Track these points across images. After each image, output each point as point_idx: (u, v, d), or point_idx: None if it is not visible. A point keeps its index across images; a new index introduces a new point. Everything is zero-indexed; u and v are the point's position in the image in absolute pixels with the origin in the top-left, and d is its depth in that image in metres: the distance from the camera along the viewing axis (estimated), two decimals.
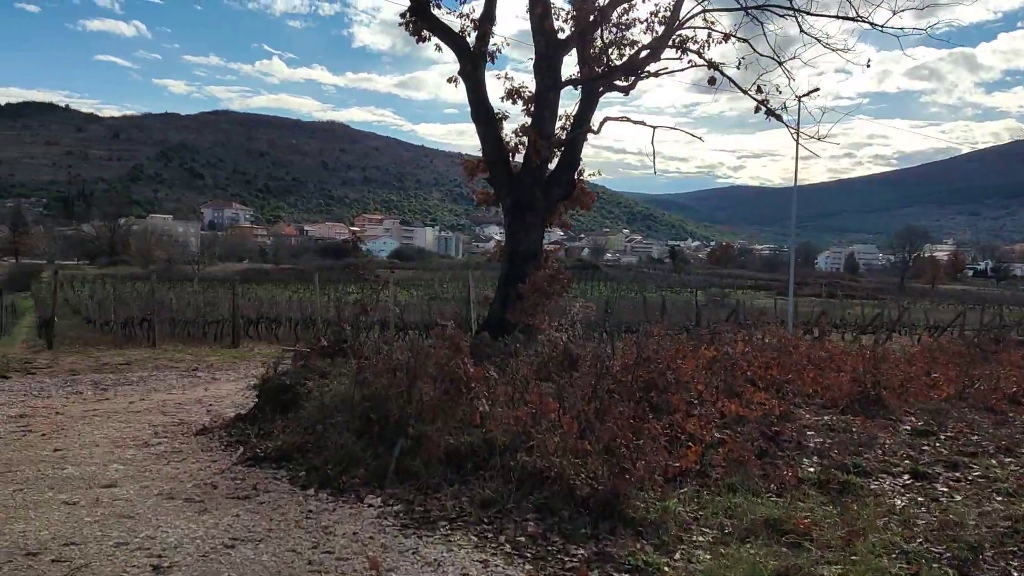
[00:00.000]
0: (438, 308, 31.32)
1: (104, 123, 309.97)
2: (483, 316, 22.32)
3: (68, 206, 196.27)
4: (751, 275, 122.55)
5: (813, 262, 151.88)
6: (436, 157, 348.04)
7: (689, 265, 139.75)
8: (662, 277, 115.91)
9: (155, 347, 19.57)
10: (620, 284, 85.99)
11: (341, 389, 8.00)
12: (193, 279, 77.26)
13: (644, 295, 45.91)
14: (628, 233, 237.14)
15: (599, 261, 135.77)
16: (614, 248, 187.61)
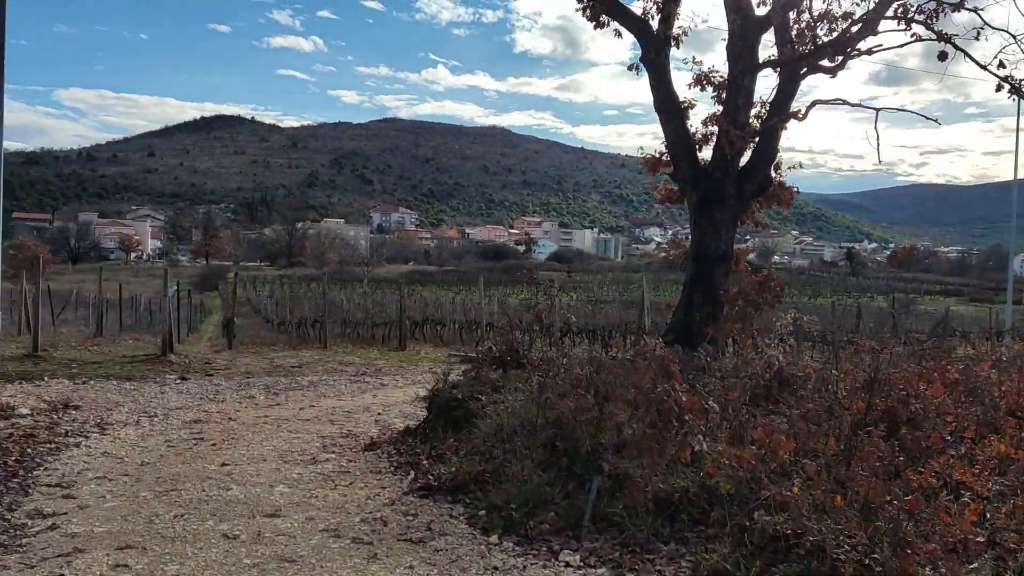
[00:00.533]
0: (602, 312, 30.34)
1: (284, 133, 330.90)
2: (658, 323, 21.17)
3: (252, 211, 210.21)
4: (937, 279, 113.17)
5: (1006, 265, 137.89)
6: (595, 159, 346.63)
7: (866, 269, 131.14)
8: (837, 281, 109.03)
9: (326, 348, 19.73)
10: (791, 288, 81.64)
11: (518, 407, 7.18)
12: (363, 280, 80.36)
13: (833, 301, 42.76)
14: (797, 235, 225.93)
15: (767, 264, 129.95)
16: (782, 250, 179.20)
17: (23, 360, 12.50)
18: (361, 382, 12.79)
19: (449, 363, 16.15)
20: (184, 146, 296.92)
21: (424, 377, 13.58)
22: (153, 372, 12.34)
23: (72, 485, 6.00)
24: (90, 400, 9.70)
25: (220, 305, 48.98)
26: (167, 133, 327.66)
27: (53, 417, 8.50)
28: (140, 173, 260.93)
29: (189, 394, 10.63)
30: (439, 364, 15.96)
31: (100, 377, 11.51)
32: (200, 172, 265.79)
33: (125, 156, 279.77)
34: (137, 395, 10.30)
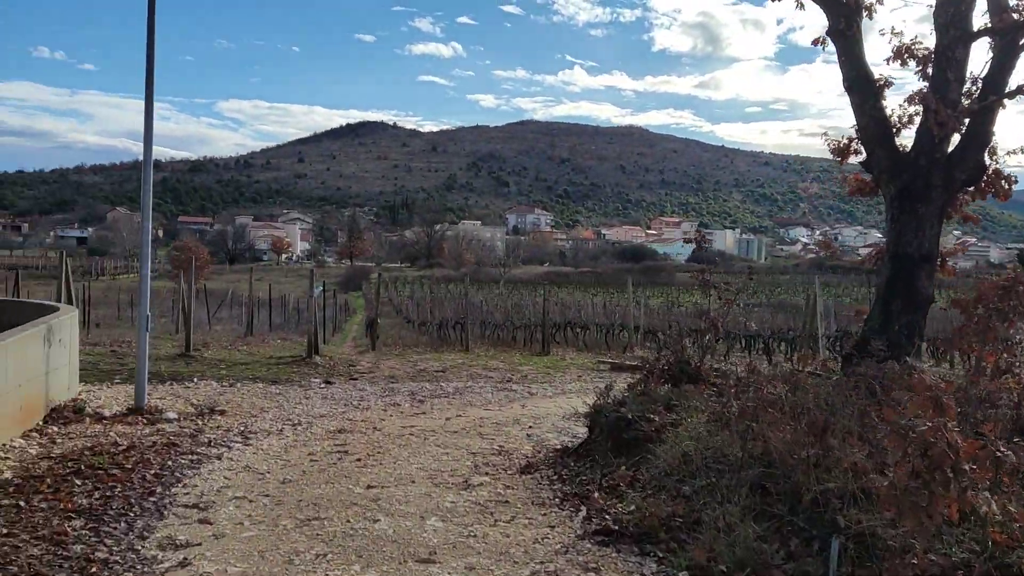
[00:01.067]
0: (757, 317, 28.39)
1: (424, 137, 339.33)
2: (832, 331, 19.47)
3: (393, 214, 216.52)
4: None
5: None
6: (736, 157, 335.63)
7: None
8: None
9: (468, 351, 19.20)
10: (958, 292, 75.33)
11: (702, 433, 6.11)
12: (499, 281, 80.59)
13: None
14: (959, 235, 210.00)
15: None
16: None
17: (175, 360, 12.52)
18: (507, 390, 12.02)
19: (599, 371, 15.18)
20: (331, 152, 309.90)
21: (573, 386, 12.72)
22: (298, 375, 12.03)
23: (210, 507, 5.44)
24: (236, 404, 9.36)
25: (363, 305, 50.05)
26: (315, 140, 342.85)
27: (198, 423, 8.14)
28: (291, 178, 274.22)
29: (333, 400, 10.16)
30: (587, 371, 15.06)
31: (247, 379, 11.28)
32: (345, 176, 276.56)
33: (277, 162, 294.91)
34: (282, 400, 9.91)
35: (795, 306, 32.95)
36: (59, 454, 6.47)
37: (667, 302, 45.66)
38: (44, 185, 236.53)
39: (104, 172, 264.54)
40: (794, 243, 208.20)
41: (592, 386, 12.59)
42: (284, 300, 45.71)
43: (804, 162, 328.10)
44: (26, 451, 6.53)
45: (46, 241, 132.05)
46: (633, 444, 6.57)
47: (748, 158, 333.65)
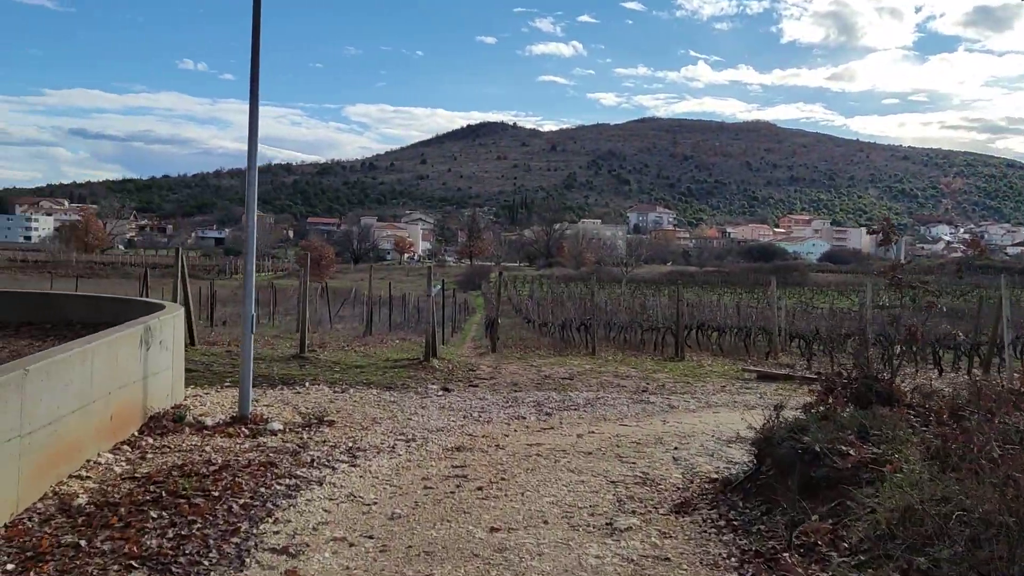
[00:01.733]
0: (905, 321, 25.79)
1: (543, 137, 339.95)
2: (1011, 338, 17.11)
3: (513, 213, 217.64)
4: None
5: None
6: (872, 151, 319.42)
7: None
8: None
9: (594, 355, 17.96)
10: None
11: (920, 475, 4.66)
12: (621, 281, 78.77)
13: None
14: None
15: None
16: None
17: (289, 361, 11.89)
18: (644, 402, 10.70)
19: (743, 380, 13.63)
20: (451, 153, 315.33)
21: (719, 398, 11.28)
22: (414, 380, 11.14)
23: (302, 552, 4.45)
24: (346, 414, 8.49)
25: (483, 304, 49.62)
26: (436, 141, 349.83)
27: (303, 436, 7.28)
28: (413, 179, 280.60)
29: (451, 410, 9.15)
30: (731, 380, 13.54)
31: (360, 384, 10.46)
32: (465, 177, 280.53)
33: (400, 164, 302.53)
34: (396, 409, 8.99)
35: (954, 310, 29.84)
36: (145, 473, 5.68)
37: (801, 303, 42.94)
38: (186, 189, 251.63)
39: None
40: (936, 241, 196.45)
41: (740, 399, 11.14)
42: (404, 299, 45.80)
43: (946, 156, 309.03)
44: (111, 469, 5.78)
45: (187, 242, 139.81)
46: (824, 485, 5.17)
47: (885, 152, 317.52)
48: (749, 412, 10.05)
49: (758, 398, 11.30)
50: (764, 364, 16.85)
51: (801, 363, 17.30)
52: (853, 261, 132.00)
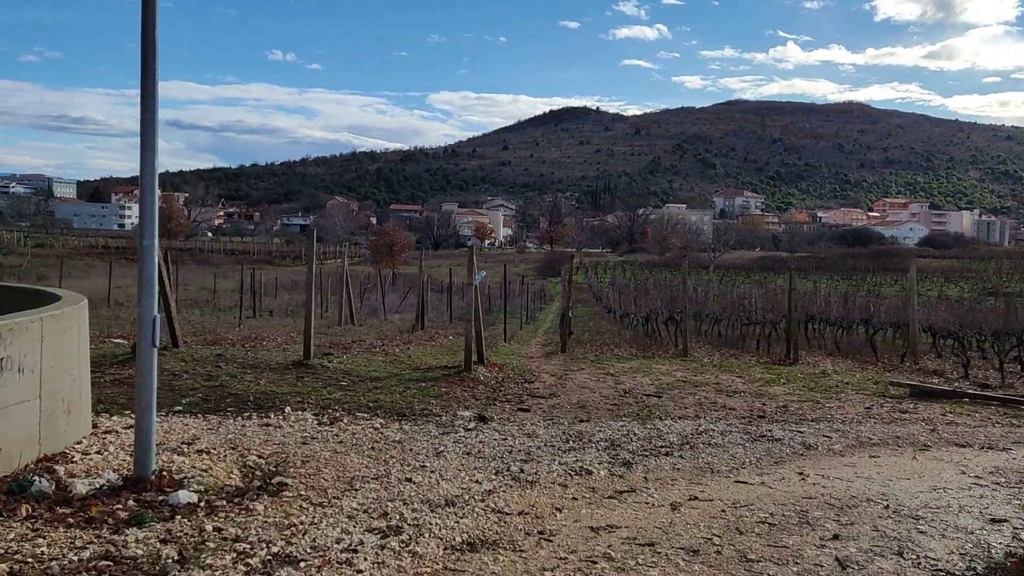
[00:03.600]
0: None
1: (627, 121, 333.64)
2: None
3: (595, 199, 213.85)
4: None
5: None
6: (973, 131, 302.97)
7: None
8: None
9: (686, 357, 14.71)
10: None
11: None
12: (709, 267, 74.39)
13: None
14: None
15: None
16: None
17: (285, 371, 9.10)
18: (766, 437, 7.45)
19: (891, 397, 10.20)
20: (534, 138, 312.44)
21: (871, 430, 7.86)
22: (442, 402, 8.16)
23: None
24: (314, 468, 5.57)
25: (560, 292, 46.57)
26: (519, 128, 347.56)
27: (216, 522, 4.38)
28: (495, 166, 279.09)
29: (480, 459, 6.13)
30: (874, 398, 10.11)
31: (363, 409, 7.54)
32: (548, 162, 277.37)
33: (483, 151, 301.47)
34: (395, 458, 6.02)
35: None
36: None
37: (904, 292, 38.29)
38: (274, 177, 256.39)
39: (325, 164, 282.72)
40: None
41: (903, 432, 7.81)
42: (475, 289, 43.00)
43: None
44: None
45: (274, 229, 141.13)
46: None
47: (986, 132, 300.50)
48: (926, 457, 6.72)
49: (928, 431, 7.92)
50: (907, 372, 13.28)
51: (953, 369, 13.65)
52: (955, 246, 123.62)
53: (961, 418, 8.70)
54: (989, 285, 65.07)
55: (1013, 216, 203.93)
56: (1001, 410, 9.23)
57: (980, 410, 9.21)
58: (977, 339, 14.77)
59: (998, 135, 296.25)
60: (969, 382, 12.17)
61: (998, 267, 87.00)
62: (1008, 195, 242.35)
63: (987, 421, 8.59)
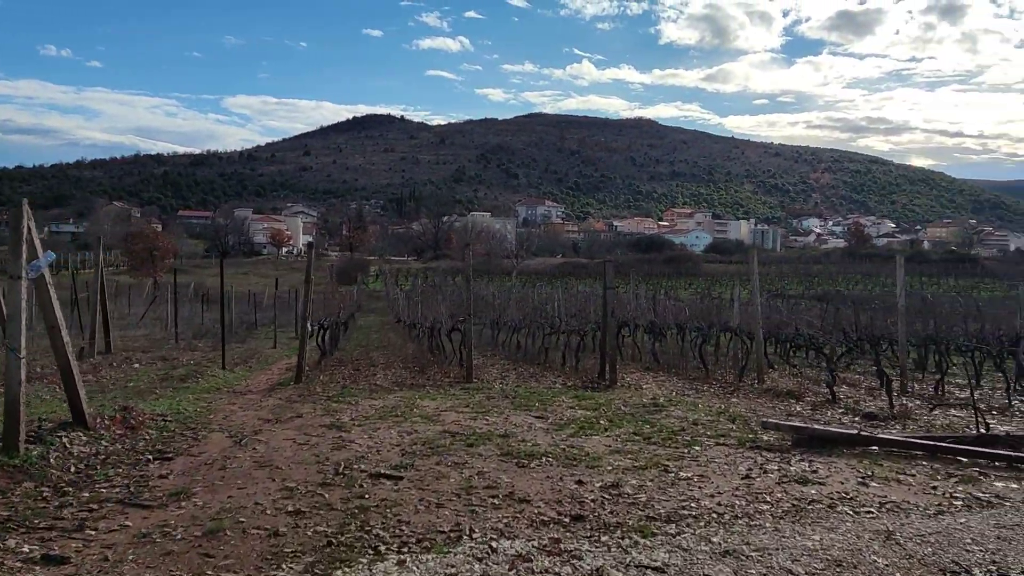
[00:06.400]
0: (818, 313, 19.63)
1: (432, 130, 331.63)
2: None
3: (400, 206, 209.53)
4: None
5: None
6: (747, 148, 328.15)
7: None
8: None
9: (469, 381, 10.74)
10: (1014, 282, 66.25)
11: None
12: (511, 272, 72.11)
13: None
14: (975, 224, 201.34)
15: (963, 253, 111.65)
16: (957, 241, 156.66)
17: None
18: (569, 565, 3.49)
19: (762, 448, 6.57)
20: (337, 145, 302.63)
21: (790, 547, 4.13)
22: None
23: None
24: None
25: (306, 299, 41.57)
26: (321, 134, 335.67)
27: None
28: (295, 172, 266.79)
29: None
30: (738, 448, 6.53)
31: None
32: (351, 169, 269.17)
33: (282, 156, 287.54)
34: None
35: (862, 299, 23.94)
36: None
37: (697, 294, 37.17)
38: (42, 180, 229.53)
39: (103, 167, 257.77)
40: (807, 233, 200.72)
41: (837, 541, 4.04)
42: (253, 297, 37.41)
43: (814, 153, 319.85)
44: None
45: (40, 236, 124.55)
46: None
47: (758, 149, 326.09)
48: None
49: (875, 539, 4.28)
50: (754, 395, 9.98)
51: (807, 389, 10.56)
52: (736, 251, 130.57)
53: (896, 489, 5.24)
54: (773, 288, 67.24)
55: (783, 225, 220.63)
56: (934, 465, 5.91)
57: (905, 467, 5.83)
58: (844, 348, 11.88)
59: (768, 152, 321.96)
60: (842, 408, 9.03)
61: (779, 270, 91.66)
62: (778, 206, 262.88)
63: (937, 494, 5.16)
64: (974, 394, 8.01)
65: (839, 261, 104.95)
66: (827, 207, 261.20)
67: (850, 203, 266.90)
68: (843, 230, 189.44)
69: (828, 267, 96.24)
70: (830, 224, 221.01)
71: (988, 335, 13.23)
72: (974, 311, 16.74)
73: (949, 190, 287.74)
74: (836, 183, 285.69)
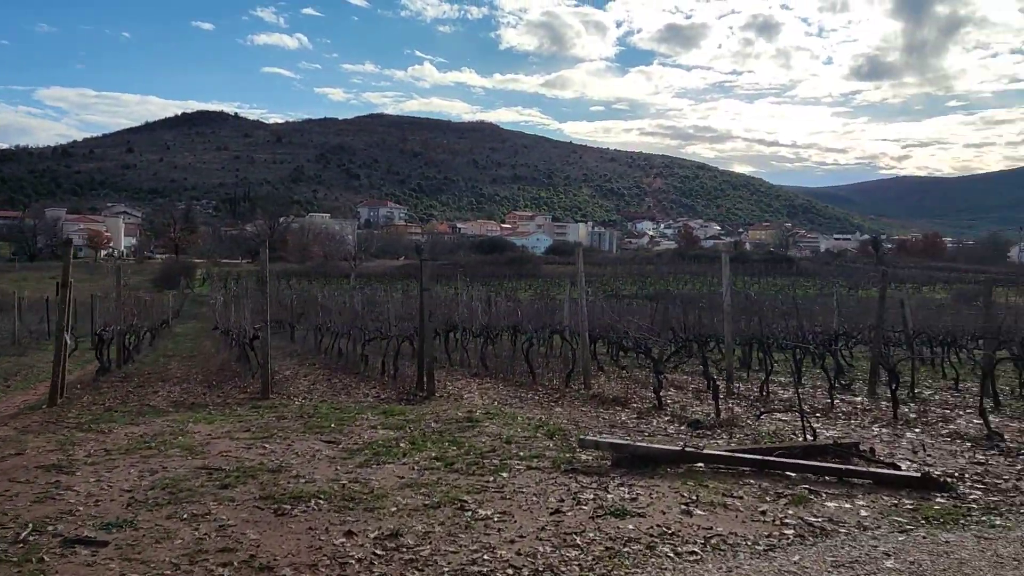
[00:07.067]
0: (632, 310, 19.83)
1: (269, 129, 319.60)
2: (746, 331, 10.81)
3: (234, 207, 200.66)
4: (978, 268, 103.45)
5: (1006, 255, 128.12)
6: (584, 153, 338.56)
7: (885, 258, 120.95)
8: (861, 273, 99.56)
9: (265, 397, 9.44)
10: (825, 280, 71.52)
11: None
12: (349, 275, 69.81)
13: None
14: (790, 227, 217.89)
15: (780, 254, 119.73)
16: (775, 243, 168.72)
17: None
18: None
19: (576, 469, 5.73)
20: (164, 142, 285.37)
21: None
22: None
23: None
24: None
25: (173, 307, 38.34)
26: (147, 130, 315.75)
27: None
28: (118, 169, 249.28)
29: None
30: (552, 472, 5.62)
31: None
32: (181, 168, 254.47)
33: (103, 152, 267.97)
34: None
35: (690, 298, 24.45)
36: None
37: (537, 296, 37.04)
38: None
39: None
40: (641, 236, 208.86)
41: None
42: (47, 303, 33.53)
43: (647, 159, 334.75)
44: None
45: None
46: None
47: (595, 154, 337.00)
48: None
49: None
50: (580, 403, 9.26)
51: (635, 393, 9.99)
52: (574, 252, 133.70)
53: (723, 517, 4.52)
54: (608, 289, 68.89)
55: (618, 228, 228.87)
56: (762, 484, 5.28)
57: (733, 487, 5.16)
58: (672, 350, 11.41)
59: (604, 157, 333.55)
60: (668, 415, 8.44)
61: (615, 271, 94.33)
62: (613, 209, 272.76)
63: (767, 520, 4.48)
64: (799, 397, 7.59)
65: (670, 262, 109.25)
66: (659, 210, 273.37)
67: (680, 207, 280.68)
68: (674, 232, 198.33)
69: (660, 268, 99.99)
70: (662, 227, 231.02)
71: (807, 332, 13.30)
72: (793, 309, 17.05)
73: (768, 195, 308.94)
74: (667, 188, 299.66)
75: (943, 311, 21.47)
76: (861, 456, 6.00)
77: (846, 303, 22.41)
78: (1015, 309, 16.60)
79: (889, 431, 7.55)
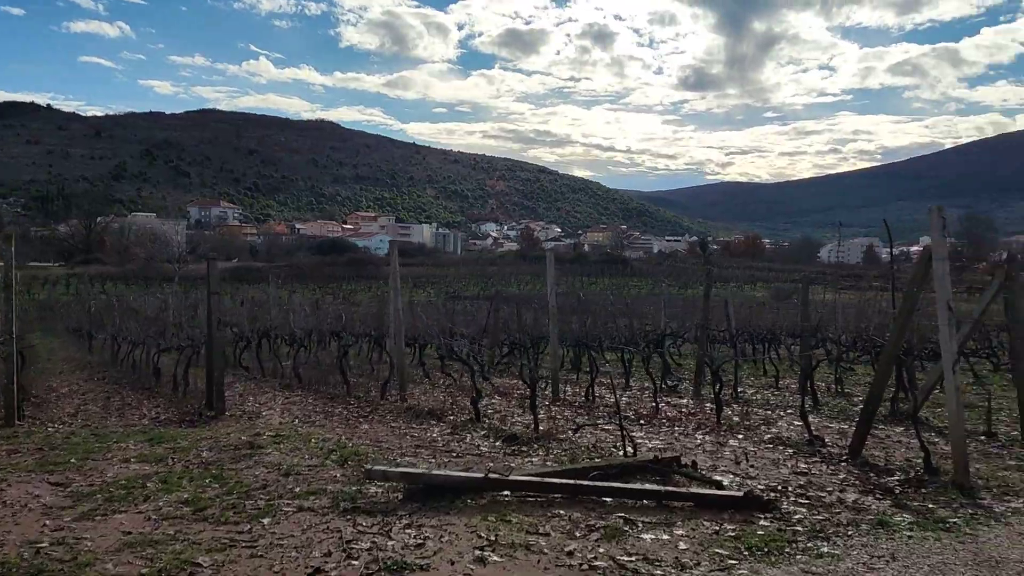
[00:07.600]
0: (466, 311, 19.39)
1: (86, 122, 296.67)
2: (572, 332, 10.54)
3: (46, 205, 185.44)
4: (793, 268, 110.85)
5: (816, 256, 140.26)
6: (428, 154, 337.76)
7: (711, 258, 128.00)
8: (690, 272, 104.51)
9: (10, 425, 7.89)
10: (657, 280, 74.39)
11: None
12: (174, 278, 65.31)
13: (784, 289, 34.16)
14: (626, 229, 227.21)
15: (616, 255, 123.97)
16: (611, 244, 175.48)
17: None
18: None
19: (366, 507, 4.74)
20: None
21: None
22: None
23: None
24: None
25: None
26: None
27: None
28: None
29: None
30: (328, 514, 4.61)
31: None
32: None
33: None
34: None
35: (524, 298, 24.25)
36: None
37: (376, 298, 35.83)
38: None
39: None
40: (485, 237, 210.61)
41: None
42: None
43: (490, 161, 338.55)
44: None
45: None
46: None
47: (439, 156, 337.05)
48: None
49: None
50: (393, 415, 8.30)
51: (465, 398, 9.15)
52: (420, 254, 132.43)
53: (523, 566, 3.71)
54: (451, 290, 68.23)
55: (463, 229, 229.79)
56: (574, 515, 4.55)
57: (540, 521, 4.39)
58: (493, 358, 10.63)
59: (448, 158, 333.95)
60: (485, 429, 7.64)
61: (457, 272, 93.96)
62: (458, 211, 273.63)
63: (574, 565, 3.72)
64: (619, 408, 6.99)
65: (512, 263, 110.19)
66: (503, 212, 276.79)
67: (522, 209, 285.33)
68: (516, 234, 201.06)
69: (503, 269, 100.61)
70: (505, 228, 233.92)
71: (637, 332, 13.01)
72: (624, 308, 16.88)
73: (604, 199, 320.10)
74: (510, 190, 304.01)
75: (763, 309, 22.20)
76: (682, 473, 5.43)
77: (674, 303, 22.72)
78: (830, 305, 17.19)
79: (712, 439, 7.11)
